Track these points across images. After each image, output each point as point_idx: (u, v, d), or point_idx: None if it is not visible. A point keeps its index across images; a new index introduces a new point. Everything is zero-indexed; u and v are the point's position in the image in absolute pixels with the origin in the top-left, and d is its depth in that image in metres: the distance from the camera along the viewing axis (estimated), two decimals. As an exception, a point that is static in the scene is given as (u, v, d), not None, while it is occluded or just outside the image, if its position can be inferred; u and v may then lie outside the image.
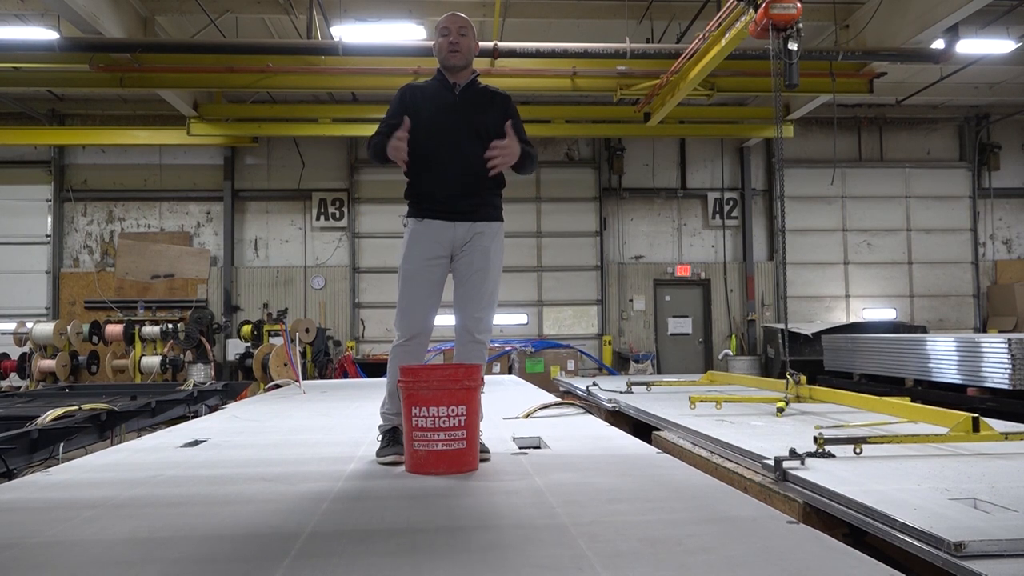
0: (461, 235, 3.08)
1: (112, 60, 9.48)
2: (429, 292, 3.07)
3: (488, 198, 3.14)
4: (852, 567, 1.69)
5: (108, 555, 1.87)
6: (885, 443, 3.13)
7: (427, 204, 3.10)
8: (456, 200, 3.07)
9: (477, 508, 2.29)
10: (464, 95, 3.15)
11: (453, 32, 3.11)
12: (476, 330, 3.12)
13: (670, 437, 4.07)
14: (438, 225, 3.07)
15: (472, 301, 3.11)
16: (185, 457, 3.30)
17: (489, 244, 3.11)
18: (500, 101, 3.19)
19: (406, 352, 3.08)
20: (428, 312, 3.10)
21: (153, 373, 11.32)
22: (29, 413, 4.99)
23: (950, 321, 14.24)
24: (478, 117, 3.11)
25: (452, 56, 3.12)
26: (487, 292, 3.12)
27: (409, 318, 3.08)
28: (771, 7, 5.92)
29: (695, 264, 14.03)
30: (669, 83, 9.70)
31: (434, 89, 3.17)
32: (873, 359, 8.69)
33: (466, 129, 3.08)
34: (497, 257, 3.15)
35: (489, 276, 3.11)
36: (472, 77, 3.20)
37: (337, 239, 13.64)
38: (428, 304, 3.09)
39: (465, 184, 3.07)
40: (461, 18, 3.15)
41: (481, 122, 3.10)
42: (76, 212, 13.42)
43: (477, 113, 3.11)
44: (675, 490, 2.49)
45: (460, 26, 3.13)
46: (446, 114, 3.09)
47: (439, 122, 3.08)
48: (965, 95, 13.36)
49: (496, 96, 3.21)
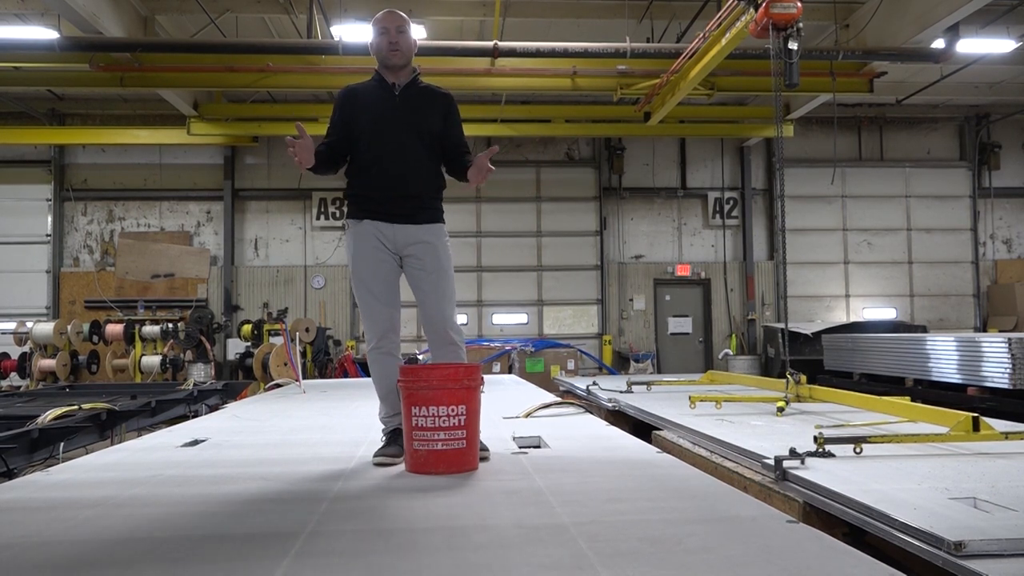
0: (403, 238, 3.04)
1: (112, 60, 9.48)
2: (386, 291, 3.05)
3: (428, 201, 3.08)
4: (852, 566, 1.68)
5: (108, 555, 1.87)
6: (885, 443, 3.13)
7: (367, 205, 3.05)
8: (396, 202, 3.02)
9: (477, 507, 2.29)
10: (404, 95, 3.09)
11: (392, 31, 3.04)
12: (449, 329, 3.07)
13: (670, 437, 4.07)
14: (379, 226, 3.03)
15: (437, 302, 3.06)
16: (185, 457, 3.30)
17: (436, 243, 3.07)
18: (441, 100, 3.13)
19: (381, 354, 3.07)
20: (390, 310, 3.07)
21: (153, 373, 11.32)
22: (29, 413, 4.99)
23: (950, 321, 14.25)
24: (419, 118, 3.06)
25: (392, 55, 3.06)
26: (448, 291, 3.08)
27: (373, 320, 3.06)
28: (771, 6, 5.92)
29: (695, 264, 14.04)
30: (669, 82, 9.70)
31: (374, 90, 3.11)
32: (873, 359, 8.69)
33: (407, 130, 3.04)
34: (447, 257, 3.10)
35: (446, 275, 3.08)
36: (412, 76, 3.14)
37: (337, 238, 13.64)
38: (388, 303, 3.06)
39: (406, 186, 3.03)
40: (399, 16, 3.08)
41: (422, 122, 3.05)
42: (76, 212, 13.42)
43: (417, 114, 3.06)
44: (675, 490, 2.49)
45: (398, 25, 3.05)
46: (386, 115, 3.05)
47: (380, 123, 3.04)
48: (965, 95, 13.36)
49: (437, 96, 3.14)
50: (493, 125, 12.03)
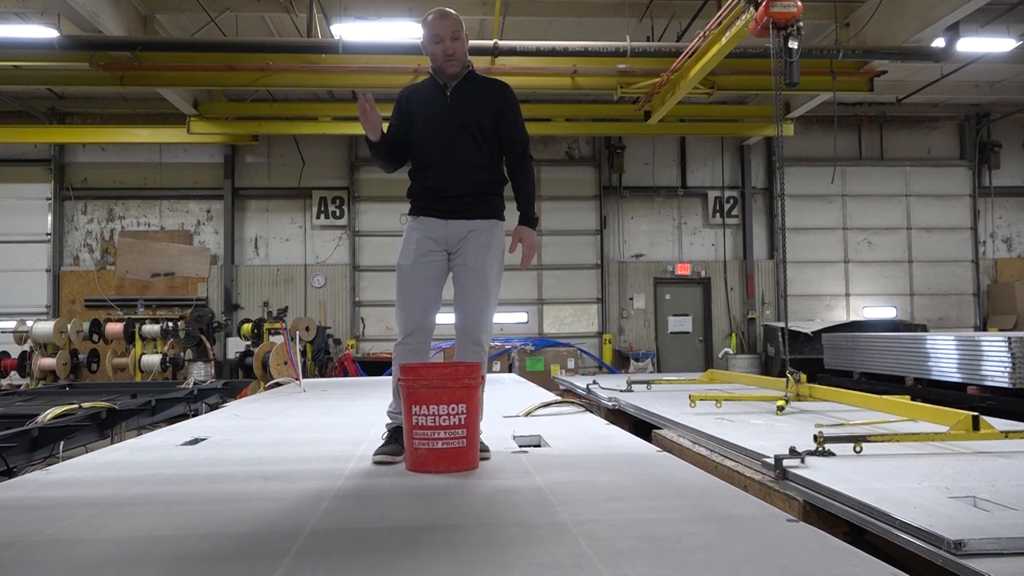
0: (455, 233, 3.04)
1: (112, 58, 9.47)
2: (425, 287, 3.04)
3: (483, 196, 3.08)
4: (852, 565, 1.69)
5: (108, 553, 1.87)
6: (885, 441, 3.13)
7: (422, 202, 3.09)
8: (449, 198, 3.04)
9: (477, 506, 2.29)
10: (456, 95, 3.07)
11: (447, 40, 2.97)
12: (474, 330, 3.05)
13: (670, 435, 4.07)
14: (432, 222, 3.05)
15: (468, 302, 3.05)
16: (185, 456, 3.30)
17: (486, 241, 3.05)
18: (496, 95, 3.10)
19: (406, 350, 3.05)
20: (425, 308, 3.05)
21: (153, 371, 11.32)
22: (29, 411, 4.99)
23: (950, 320, 14.24)
24: (470, 117, 3.04)
25: (448, 65, 3.02)
26: (484, 292, 3.04)
27: (405, 314, 3.05)
28: (772, 5, 5.92)
29: (695, 262, 14.03)
30: (669, 81, 9.70)
31: (428, 91, 3.11)
32: (873, 357, 8.68)
33: (458, 130, 3.03)
34: (496, 255, 3.08)
35: (486, 275, 3.04)
36: (465, 73, 3.11)
37: (337, 237, 13.64)
38: (424, 300, 3.04)
39: (458, 182, 3.03)
40: (453, 20, 2.99)
41: (473, 121, 3.04)
42: (76, 210, 13.42)
43: (469, 113, 3.05)
44: (675, 488, 2.49)
45: (453, 31, 2.98)
46: (438, 116, 3.05)
47: (432, 124, 3.05)
48: (965, 93, 13.35)
49: (493, 90, 3.11)
50: (493, 124, 12.00)
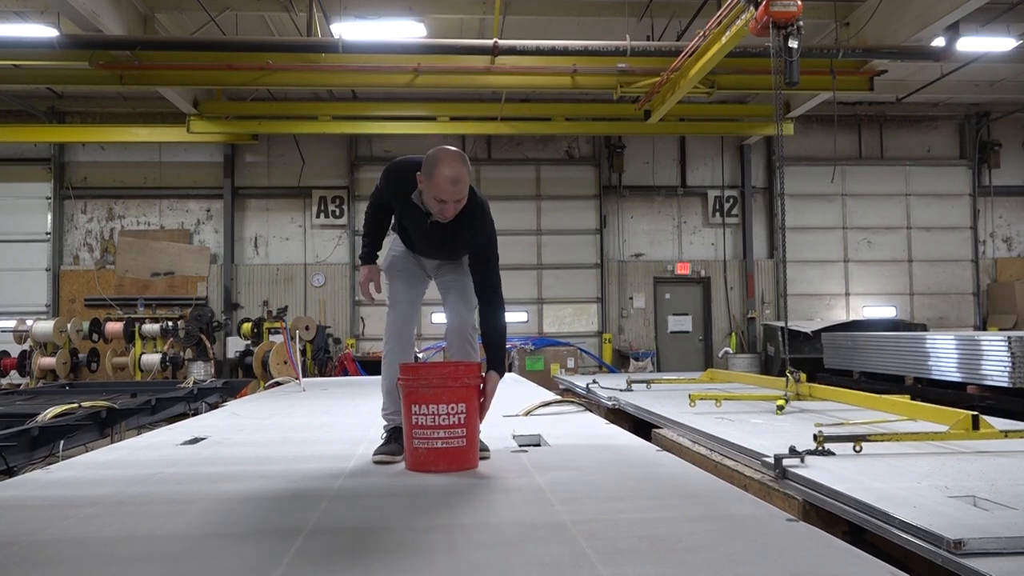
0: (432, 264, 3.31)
1: (112, 57, 9.46)
2: (409, 290, 3.24)
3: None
4: (852, 565, 1.69)
5: (108, 553, 1.87)
6: (885, 441, 3.13)
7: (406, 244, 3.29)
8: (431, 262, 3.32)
9: (477, 506, 2.29)
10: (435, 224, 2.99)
11: (450, 205, 2.82)
12: (474, 329, 3.21)
13: (670, 435, 4.07)
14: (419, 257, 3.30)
15: (455, 304, 3.23)
16: (185, 455, 3.30)
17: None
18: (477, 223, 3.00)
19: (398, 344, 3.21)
20: (410, 309, 3.27)
21: (153, 371, 11.32)
22: (29, 410, 4.99)
23: (950, 319, 14.24)
24: (448, 237, 3.05)
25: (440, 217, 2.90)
26: (470, 290, 3.17)
27: (393, 316, 3.23)
28: (772, 4, 5.91)
29: (695, 262, 14.03)
30: (669, 81, 9.69)
31: (413, 207, 3.00)
32: (873, 357, 8.69)
33: (436, 243, 3.12)
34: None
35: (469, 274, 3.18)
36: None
37: (337, 237, 13.63)
38: (409, 301, 3.25)
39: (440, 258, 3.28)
40: (464, 183, 2.80)
41: (451, 238, 3.05)
42: (76, 210, 13.42)
43: (448, 234, 3.02)
44: (675, 488, 2.49)
45: (459, 199, 2.83)
46: (421, 227, 3.03)
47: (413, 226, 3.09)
48: (965, 93, 13.34)
49: (474, 219, 2.99)
50: (493, 123, 12.00)
